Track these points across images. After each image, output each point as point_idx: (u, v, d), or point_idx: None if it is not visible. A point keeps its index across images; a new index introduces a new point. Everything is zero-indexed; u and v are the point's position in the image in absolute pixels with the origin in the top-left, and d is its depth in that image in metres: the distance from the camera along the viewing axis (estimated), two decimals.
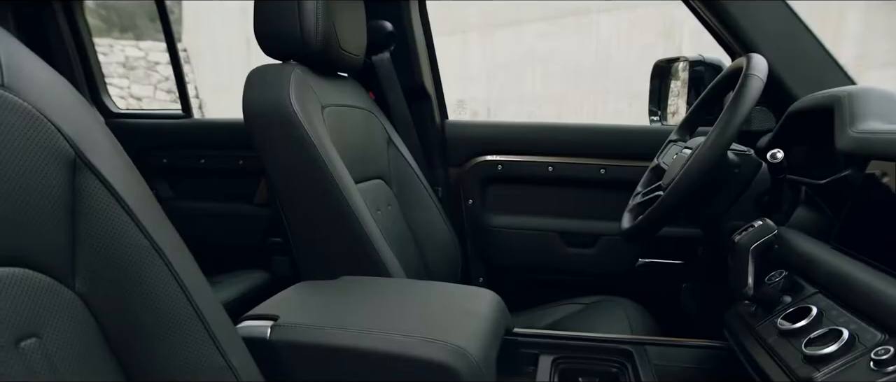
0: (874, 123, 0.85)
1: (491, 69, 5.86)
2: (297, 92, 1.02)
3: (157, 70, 7.49)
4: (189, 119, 1.81)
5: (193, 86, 6.51)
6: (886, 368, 0.54)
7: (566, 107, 5.82)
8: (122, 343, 0.56)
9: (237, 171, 1.68)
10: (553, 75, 5.90)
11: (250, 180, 1.65)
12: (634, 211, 1.17)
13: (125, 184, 0.56)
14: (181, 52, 7.07)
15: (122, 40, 7.37)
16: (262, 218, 1.65)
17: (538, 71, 5.95)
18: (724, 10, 1.17)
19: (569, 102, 5.85)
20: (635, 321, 1.19)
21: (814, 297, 0.73)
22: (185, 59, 6.68)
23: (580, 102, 5.83)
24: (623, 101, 5.68)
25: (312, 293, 0.89)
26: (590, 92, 5.82)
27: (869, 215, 0.76)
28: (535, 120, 1.66)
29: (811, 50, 1.20)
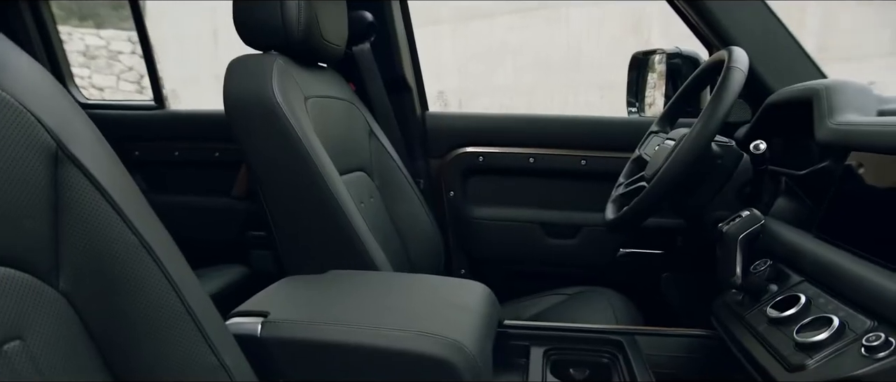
0: (852, 115, 0.87)
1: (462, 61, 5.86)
2: (280, 82, 1.00)
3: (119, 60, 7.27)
4: (162, 110, 1.76)
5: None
6: (877, 354, 0.56)
7: (537, 98, 5.86)
8: (110, 343, 0.54)
9: (213, 164, 1.64)
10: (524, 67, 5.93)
11: (227, 173, 1.61)
12: (617, 202, 1.19)
13: (110, 177, 0.53)
14: None
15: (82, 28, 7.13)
16: (239, 212, 1.62)
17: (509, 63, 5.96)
18: (703, 6, 1.19)
19: (540, 93, 5.88)
20: (620, 311, 1.20)
21: (800, 286, 0.75)
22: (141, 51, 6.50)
23: (551, 93, 5.87)
24: (593, 93, 5.74)
25: (301, 288, 0.88)
26: (561, 83, 5.86)
27: (850, 205, 0.78)
28: (506, 111, 1.66)
29: (785, 44, 1.22)
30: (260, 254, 1.60)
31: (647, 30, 5.46)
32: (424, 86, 1.57)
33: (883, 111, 0.90)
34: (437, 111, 1.58)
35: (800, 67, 1.23)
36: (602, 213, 1.45)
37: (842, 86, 0.94)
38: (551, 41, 5.80)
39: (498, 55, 5.93)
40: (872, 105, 0.91)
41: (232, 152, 1.61)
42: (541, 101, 5.82)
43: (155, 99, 1.75)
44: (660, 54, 1.58)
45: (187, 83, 5.97)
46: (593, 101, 5.70)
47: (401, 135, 1.47)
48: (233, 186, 1.61)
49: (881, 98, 0.94)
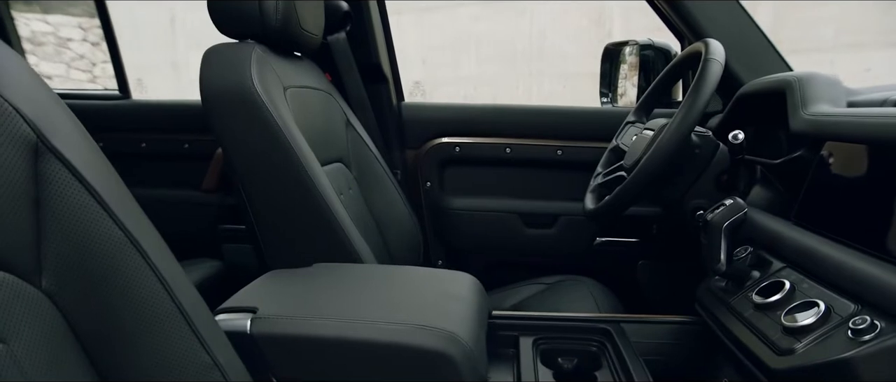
0: (824, 106, 0.90)
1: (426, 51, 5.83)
2: (259, 72, 0.97)
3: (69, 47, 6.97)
4: (127, 100, 1.70)
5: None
6: (864, 337, 0.58)
7: (501, 87, 5.88)
8: (97, 344, 0.52)
9: (183, 156, 1.59)
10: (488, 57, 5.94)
11: (197, 164, 1.57)
12: (596, 192, 1.20)
13: (93, 170, 0.51)
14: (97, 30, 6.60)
15: (28, 13, 6.81)
16: (211, 205, 1.58)
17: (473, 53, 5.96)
18: (679, 3, 1.22)
19: (504, 83, 5.90)
20: (601, 299, 1.22)
21: (783, 271, 0.77)
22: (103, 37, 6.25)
23: (515, 83, 5.90)
24: (557, 83, 5.80)
25: (287, 282, 0.86)
26: (524, 73, 5.90)
27: (826, 192, 0.81)
28: (470, 101, 1.66)
29: (754, 38, 1.26)
30: (233, 248, 1.57)
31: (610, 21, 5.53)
32: (400, 77, 1.56)
33: (852, 102, 0.93)
34: (413, 102, 1.57)
35: (768, 60, 1.27)
36: (579, 203, 1.47)
37: (813, 77, 0.97)
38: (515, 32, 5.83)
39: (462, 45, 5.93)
40: (842, 96, 0.94)
41: (202, 144, 1.56)
42: (504, 91, 5.85)
43: (119, 88, 1.68)
44: (632, 45, 1.61)
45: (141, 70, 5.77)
46: (557, 91, 5.75)
47: (377, 126, 1.46)
48: (203, 179, 1.57)
49: (849, 90, 0.98)
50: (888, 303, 0.59)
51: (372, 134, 1.38)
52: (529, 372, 0.81)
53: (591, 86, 5.24)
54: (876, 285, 0.61)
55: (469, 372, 0.67)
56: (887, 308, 0.59)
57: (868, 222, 0.69)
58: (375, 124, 1.45)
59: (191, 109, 1.61)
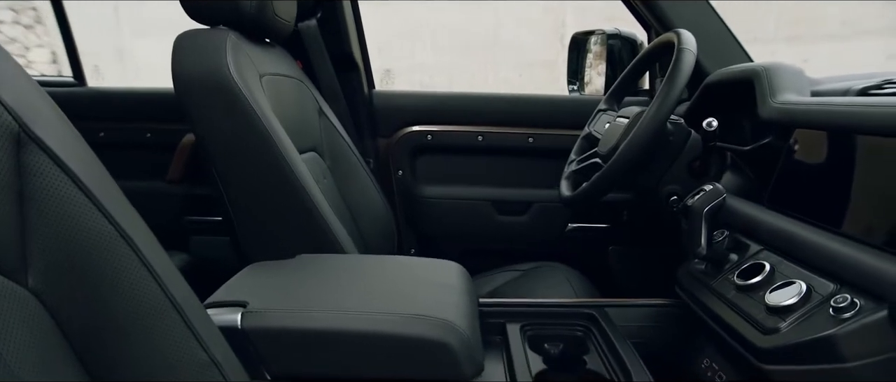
0: (791, 95, 0.94)
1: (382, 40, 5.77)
2: (235, 59, 0.95)
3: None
4: (83, 88, 1.61)
5: (49, 50, 5.80)
6: (845, 315, 0.61)
7: (457, 76, 5.87)
8: (88, 343, 0.50)
9: (145, 146, 1.53)
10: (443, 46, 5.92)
11: (161, 155, 1.51)
12: (571, 179, 1.22)
13: (79, 162, 0.48)
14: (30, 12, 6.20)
15: None
16: (177, 196, 1.52)
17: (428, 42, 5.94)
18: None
19: (460, 72, 5.90)
20: (576, 284, 1.24)
21: (760, 254, 0.80)
22: (37, 20, 5.92)
23: (471, 72, 5.91)
24: (512, 71, 5.84)
25: (273, 274, 0.84)
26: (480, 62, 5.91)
27: (797, 177, 0.85)
28: (427, 89, 1.66)
29: (718, 30, 1.31)
30: (201, 241, 1.52)
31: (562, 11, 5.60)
32: (371, 65, 1.54)
33: (816, 92, 0.97)
34: (385, 90, 1.56)
35: (730, 51, 1.32)
36: (551, 190, 1.50)
37: (779, 68, 1.01)
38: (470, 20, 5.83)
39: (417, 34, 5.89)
40: (806, 86, 0.99)
41: (166, 133, 1.51)
42: (461, 80, 5.85)
43: (74, 75, 1.60)
44: (598, 35, 1.63)
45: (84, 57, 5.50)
46: (512, 79, 5.79)
47: (349, 115, 1.44)
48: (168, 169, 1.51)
49: (811, 79, 1.03)
50: (866, 282, 0.62)
51: (344, 122, 1.37)
52: (520, 359, 0.82)
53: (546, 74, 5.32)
54: (853, 265, 0.64)
55: (467, 360, 0.68)
56: (865, 286, 0.62)
57: (838, 205, 0.73)
58: (347, 113, 1.43)
59: (153, 97, 1.55)
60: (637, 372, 0.76)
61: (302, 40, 1.35)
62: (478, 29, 5.85)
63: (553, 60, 5.77)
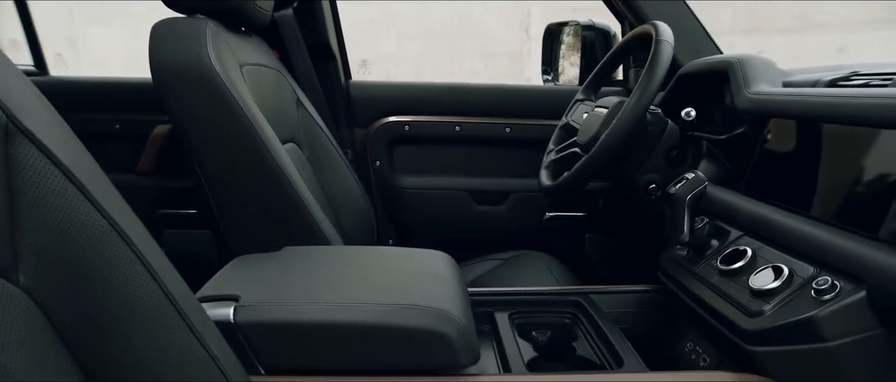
0: (764, 86, 0.97)
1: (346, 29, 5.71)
2: (215, 48, 0.92)
3: None
4: (45, 77, 1.55)
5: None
6: (825, 296, 0.64)
7: (423, 65, 5.87)
8: (83, 341, 0.48)
9: (114, 137, 1.48)
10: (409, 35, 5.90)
11: (131, 146, 1.46)
12: (550, 168, 1.24)
13: (70, 154, 0.47)
14: None
15: None
16: (148, 189, 1.48)
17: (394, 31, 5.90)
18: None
19: (425, 61, 5.89)
20: (557, 272, 1.26)
21: (741, 240, 0.83)
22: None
23: (437, 61, 5.91)
24: (478, 61, 5.86)
25: (262, 267, 0.83)
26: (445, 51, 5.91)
27: (773, 165, 0.88)
28: (393, 78, 1.65)
29: (690, 21, 1.34)
30: (174, 234, 1.48)
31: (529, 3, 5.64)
32: (347, 55, 1.52)
33: (787, 82, 1.01)
34: (362, 80, 1.54)
35: (701, 43, 1.36)
36: (528, 179, 1.51)
37: (752, 59, 1.04)
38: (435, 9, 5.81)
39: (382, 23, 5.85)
40: (778, 77, 1.02)
41: (136, 123, 1.46)
42: (426, 69, 5.84)
43: (36, 64, 1.53)
44: (572, 26, 1.65)
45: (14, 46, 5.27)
46: (478, 69, 5.81)
47: (326, 105, 1.42)
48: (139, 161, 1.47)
49: (781, 71, 1.06)
50: (844, 265, 0.65)
51: (321, 113, 1.35)
52: (512, 347, 0.83)
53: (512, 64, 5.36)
54: (831, 249, 0.67)
55: (464, 350, 0.68)
56: (844, 269, 0.65)
57: (814, 191, 0.76)
58: (325, 103, 1.42)
59: (122, 87, 1.50)
60: (628, 357, 0.77)
61: (278, 30, 1.32)
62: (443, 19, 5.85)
63: (518, 51, 5.81)
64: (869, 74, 0.89)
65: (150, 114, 1.45)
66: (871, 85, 0.85)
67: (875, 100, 0.69)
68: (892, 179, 0.64)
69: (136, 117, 1.46)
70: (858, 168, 0.71)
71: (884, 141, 0.67)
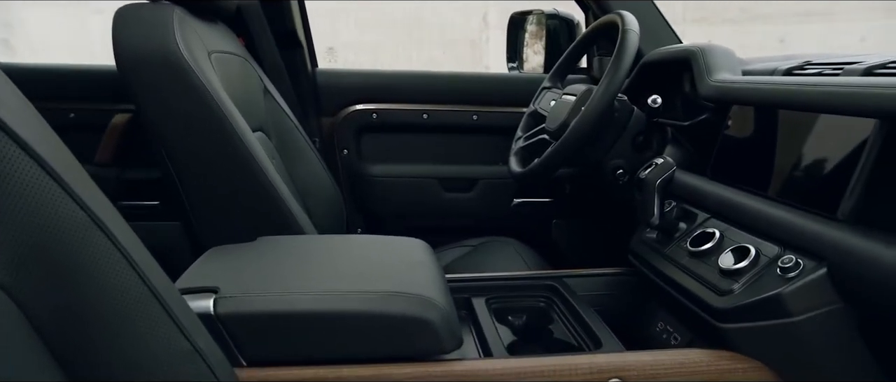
0: (726, 74, 1.01)
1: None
2: (183, 35, 0.90)
3: None
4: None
5: None
6: (790, 274, 0.68)
7: (382, 54, 5.82)
8: (64, 339, 0.47)
9: (68, 127, 1.42)
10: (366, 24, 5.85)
11: (87, 136, 1.40)
12: (520, 155, 1.26)
13: (46, 145, 0.45)
14: None
15: None
16: (108, 180, 1.43)
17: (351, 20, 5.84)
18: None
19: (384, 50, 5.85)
20: (527, 257, 1.28)
21: (708, 222, 0.87)
22: None
23: (395, 49, 5.87)
24: (437, 50, 5.85)
25: (238, 258, 0.82)
26: (404, 40, 5.88)
27: (736, 150, 0.92)
28: (351, 66, 1.64)
29: (651, 11, 1.38)
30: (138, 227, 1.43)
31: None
32: (313, 43, 1.50)
33: (746, 71, 1.05)
34: (329, 68, 1.53)
35: (662, 32, 1.40)
36: (496, 166, 1.53)
37: (713, 48, 1.08)
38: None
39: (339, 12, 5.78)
40: (737, 65, 1.06)
41: (91, 113, 1.40)
42: (385, 58, 5.80)
43: None
44: (536, 15, 1.68)
45: None
46: (437, 57, 5.80)
47: (293, 94, 1.40)
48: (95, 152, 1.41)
49: (741, 59, 1.11)
50: (806, 244, 0.69)
51: (287, 101, 1.33)
52: (491, 332, 0.84)
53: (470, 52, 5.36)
54: (794, 229, 0.71)
55: (448, 335, 0.69)
56: (806, 247, 0.69)
57: (775, 174, 0.80)
58: (292, 91, 1.40)
59: (75, 74, 1.44)
60: (605, 338, 0.80)
61: (243, 17, 1.29)
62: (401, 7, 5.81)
63: (477, 39, 5.82)
64: (821, 64, 0.93)
65: (107, 103, 1.40)
66: (824, 74, 0.89)
67: (830, 88, 0.73)
68: (846, 162, 0.68)
69: (91, 106, 1.41)
70: (816, 152, 0.74)
71: (838, 126, 0.71)
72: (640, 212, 0.90)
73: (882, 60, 0.80)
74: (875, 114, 0.66)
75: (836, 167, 0.70)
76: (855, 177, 0.67)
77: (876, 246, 0.61)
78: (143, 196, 1.40)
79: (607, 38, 1.41)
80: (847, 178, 0.67)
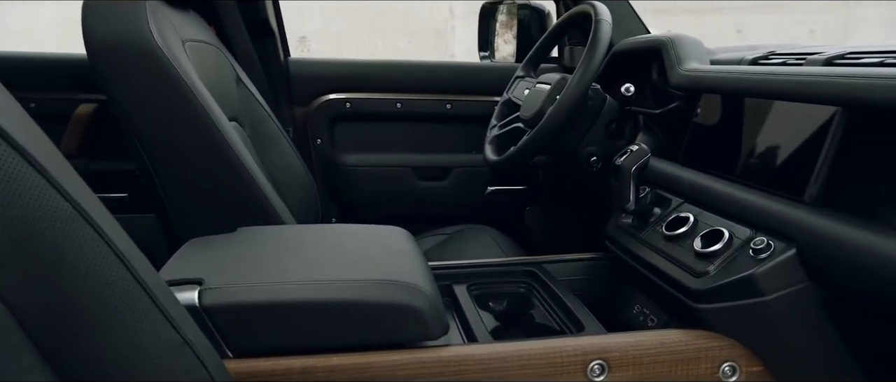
0: (695, 63, 1.04)
1: None
2: (157, 24, 0.88)
3: None
4: None
5: None
6: (761, 256, 0.71)
7: (346, 43, 5.78)
8: (51, 336, 0.46)
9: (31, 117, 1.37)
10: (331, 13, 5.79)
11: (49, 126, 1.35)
12: (495, 144, 1.27)
13: (27, 135, 0.44)
14: None
15: None
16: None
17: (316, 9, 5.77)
18: None
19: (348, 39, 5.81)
20: (502, 244, 1.30)
21: (682, 207, 0.90)
22: None
23: (359, 39, 5.83)
24: (401, 39, 5.84)
25: (218, 249, 0.81)
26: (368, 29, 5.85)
27: (706, 137, 0.95)
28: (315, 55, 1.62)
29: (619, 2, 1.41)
30: None
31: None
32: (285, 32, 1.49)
33: (713, 60, 1.09)
34: (301, 57, 1.51)
35: (631, 23, 1.43)
36: (470, 154, 1.55)
37: (682, 38, 1.11)
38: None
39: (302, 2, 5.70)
40: (706, 55, 1.10)
41: (53, 103, 1.36)
42: (350, 47, 5.76)
43: None
44: (506, 4, 1.69)
45: None
46: (402, 47, 5.78)
47: (267, 83, 1.38)
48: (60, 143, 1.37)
49: (708, 49, 1.14)
50: (776, 226, 0.72)
51: (260, 91, 1.32)
52: (474, 318, 0.85)
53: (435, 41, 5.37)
54: (764, 212, 0.74)
55: (435, 321, 0.70)
56: (776, 229, 0.72)
57: (745, 160, 0.83)
58: (265, 81, 1.38)
59: (37, 63, 1.39)
60: (587, 321, 0.82)
61: (214, 5, 1.27)
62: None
63: (442, 28, 5.82)
64: (784, 54, 0.97)
65: (69, 93, 1.36)
66: (788, 63, 0.93)
67: (795, 78, 0.76)
68: (811, 148, 0.72)
69: (54, 95, 1.36)
70: (783, 138, 0.78)
71: (803, 114, 0.74)
72: (616, 198, 0.92)
73: (841, 51, 0.84)
74: (837, 102, 0.70)
75: (802, 152, 0.73)
76: (819, 162, 0.70)
77: (840, 227, 0.64)
78: (111, 188, 1.37)
79: (579, 27, 1.43)
80: (812, 163, 0.71)
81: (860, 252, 0.61)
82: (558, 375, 0.72)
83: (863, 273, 0.62)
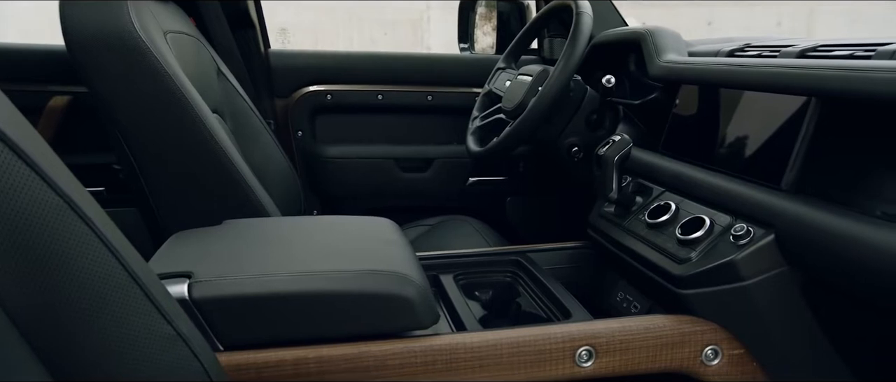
0: (673, 55, 1.07)
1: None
2: (138, 15, 0.87)
3: None
4: None
5: None
6: (741, 242, 0.73)
7: (321, 35, 5.73)
8: (43, 332, 0.45)
9: None
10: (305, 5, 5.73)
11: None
12: (477, 135, 1.28)
13: (14, 127, 0.44)
14: None
15: None
16: None
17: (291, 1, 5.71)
18: None
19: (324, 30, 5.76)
20: (485, 234, 1.31)
21: (663, 195, 0.92)
22: None
23: (335, 30, 5.79)
24: (377, 30, 5.81)
25: (204, 242, 0.81)
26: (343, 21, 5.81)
27: (685, 127, 0.97)
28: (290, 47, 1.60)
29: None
30: None
31: None
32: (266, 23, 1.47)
33: (691, 52, 1.11)
34: (282, 49, 1.50)
35: (610, 15, 1.45)
36: (451, 146, 1.55)
37: (660, 31, 1.13)
38: None
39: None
40: (684, 47, 1.12)
41: (25, 95, 1.32)
42: (326, 39, 5.70)
43: None
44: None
45: None
46: (378, 38, 5.76)
47: (247, 75, 1.37)
48: None
49: (686, 41, 1.17)
50: (756, 213, 0.75)
51: (241, 83, 1.30)
52: (462, 307, 0.86)
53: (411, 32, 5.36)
54: (744, 200, 0.77)
55: (425, 311, 0.71)
56: (755, 216, 0.75)
57: (724, 149, 0.85)
58: (245, 73, 1.37)
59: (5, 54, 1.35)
60: (574, 308, 0.84)
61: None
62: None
63: (417, 19, 5.80)
64: (760, 47, 0.99)
65: (39, 85, 1.33)
66: (763, 55, 0.95)
67: (770, 69, 0.79)
68: (787, 137, 0.74)
69: (23, 88, 1.33)
70: (760, 128, 0.80)
71: (778, 104, 0.77)
72: (599, 188, 0.94)
73: (813, 44, 0.86)
74: (811, 93, 0.72)
75: (779, 141, 0.76)
76: (795, 150, 0.73)
77: (816, 213, 0.67)
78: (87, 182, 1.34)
79: (559, 20, 1.45)
80: (788, 152, 0.73)
81: (835, 236, 0.64)
82: (547, 362, 0.73)
83: (838, 256, 0.64)
